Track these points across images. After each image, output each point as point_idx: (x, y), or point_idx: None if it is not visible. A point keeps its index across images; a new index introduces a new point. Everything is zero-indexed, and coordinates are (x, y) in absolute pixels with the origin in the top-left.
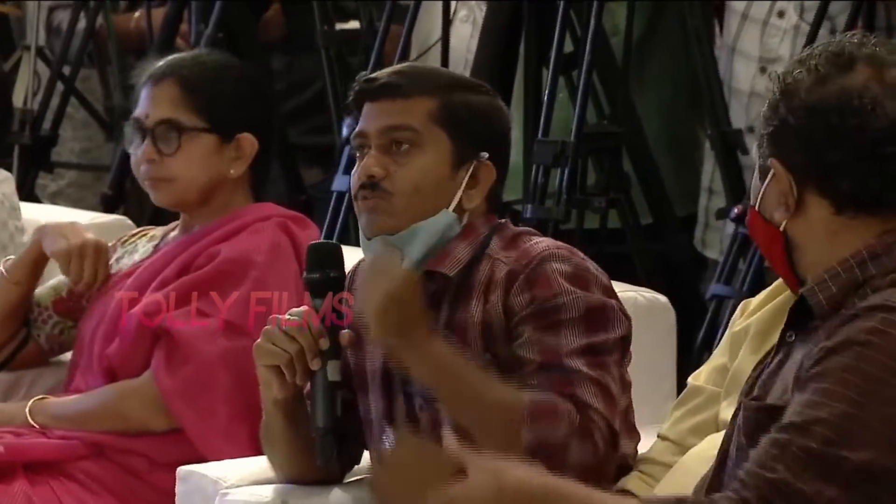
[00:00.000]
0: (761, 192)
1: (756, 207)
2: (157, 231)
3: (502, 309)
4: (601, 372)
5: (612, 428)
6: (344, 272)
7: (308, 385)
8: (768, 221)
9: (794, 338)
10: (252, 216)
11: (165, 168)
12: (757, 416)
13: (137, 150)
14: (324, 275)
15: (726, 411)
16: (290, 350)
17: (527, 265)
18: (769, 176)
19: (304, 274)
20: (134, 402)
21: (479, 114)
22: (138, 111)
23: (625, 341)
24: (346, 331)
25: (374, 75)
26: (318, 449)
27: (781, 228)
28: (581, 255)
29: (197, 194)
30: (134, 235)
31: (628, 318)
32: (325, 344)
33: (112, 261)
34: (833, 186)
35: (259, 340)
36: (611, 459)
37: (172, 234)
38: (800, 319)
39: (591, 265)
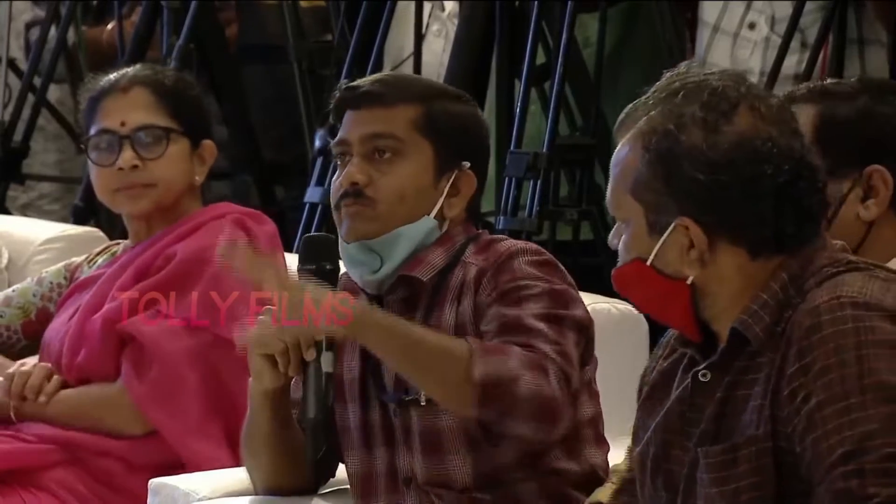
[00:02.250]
0: (657, 249)
1: (650, 262)
2: (119, 247)
3: (472, 309)
4: (559, 336)
5: (567, 375)
6: (338, 265)
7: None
8: (668, 276)
9: (709, 376)
10: (207, 215)
11: (149, 173)
12: (724, 457)
13: (114, 160)
14: (319, 266)
15: None
16: (285, 339)
17: (494, 262)
18: (668, 232)
19: (299, 265)
20: (110, 412)
21: (460, 123)
22: (107, 122)
23: (586, 331)
24: None
25: (355, 83)
26: (309, 441)
27: (689, 281)
28: (551, 255)
29: (171, 200)
30: (99, 253)
31: (590, 318)
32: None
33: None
34: (751, 235)
35: (254, 330)
36: (565, 403)
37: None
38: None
39: (560, 265)
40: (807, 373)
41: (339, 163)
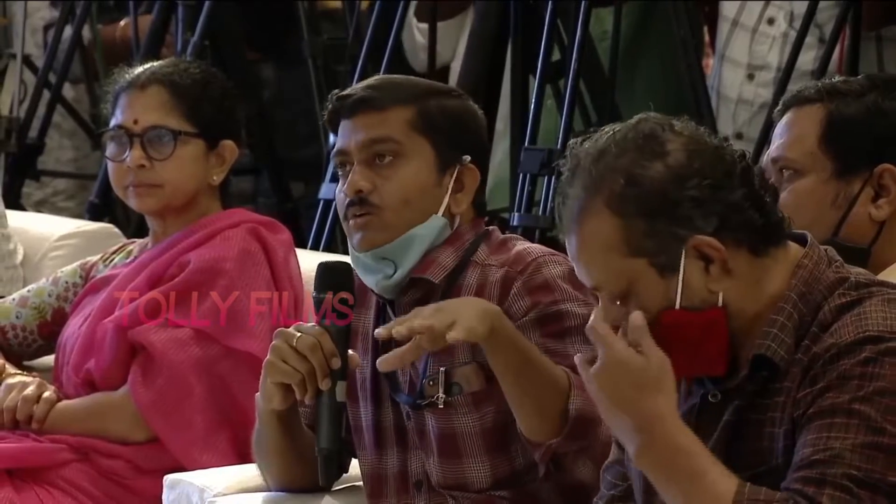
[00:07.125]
0: (680, 285)
1: (678, 305)
2: (135, 246)
3: None
4: None
5: None
6: (354, 293)
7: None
8: (700, 309)
9: (718, 397)
10: (222, 223)
11: (156, 174)
12: None
13: (124, 157)
14: (336, 294)
15: None
16: (301, 370)
17: (522, 270)
18: (682, 261)
19: (314, 293)
20: (114, 419)
21: (456, 118)
22: (122, 118)
23: None
24: (354, 353)
25: (346, 92)
26: (322, 470)
27: (720, 303)
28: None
29: (183, 200)
30: (115, 252)
31: None
32: (336, 364)
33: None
34: (747, 230)
35: (270, 357)
36: None
37: (147, 247)
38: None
39: None
40: (812, 392)
41: (340, 173)
